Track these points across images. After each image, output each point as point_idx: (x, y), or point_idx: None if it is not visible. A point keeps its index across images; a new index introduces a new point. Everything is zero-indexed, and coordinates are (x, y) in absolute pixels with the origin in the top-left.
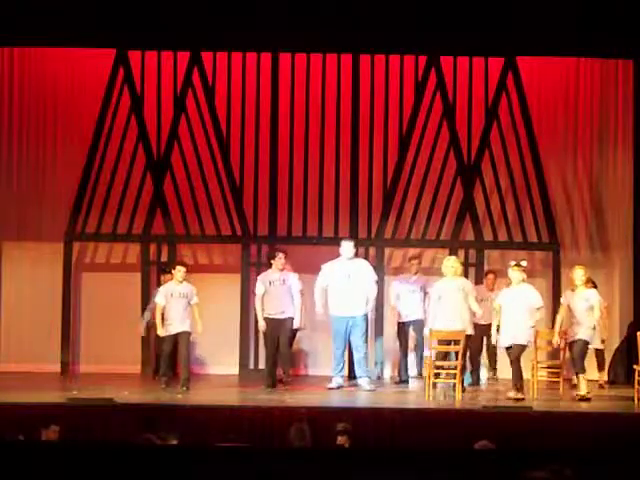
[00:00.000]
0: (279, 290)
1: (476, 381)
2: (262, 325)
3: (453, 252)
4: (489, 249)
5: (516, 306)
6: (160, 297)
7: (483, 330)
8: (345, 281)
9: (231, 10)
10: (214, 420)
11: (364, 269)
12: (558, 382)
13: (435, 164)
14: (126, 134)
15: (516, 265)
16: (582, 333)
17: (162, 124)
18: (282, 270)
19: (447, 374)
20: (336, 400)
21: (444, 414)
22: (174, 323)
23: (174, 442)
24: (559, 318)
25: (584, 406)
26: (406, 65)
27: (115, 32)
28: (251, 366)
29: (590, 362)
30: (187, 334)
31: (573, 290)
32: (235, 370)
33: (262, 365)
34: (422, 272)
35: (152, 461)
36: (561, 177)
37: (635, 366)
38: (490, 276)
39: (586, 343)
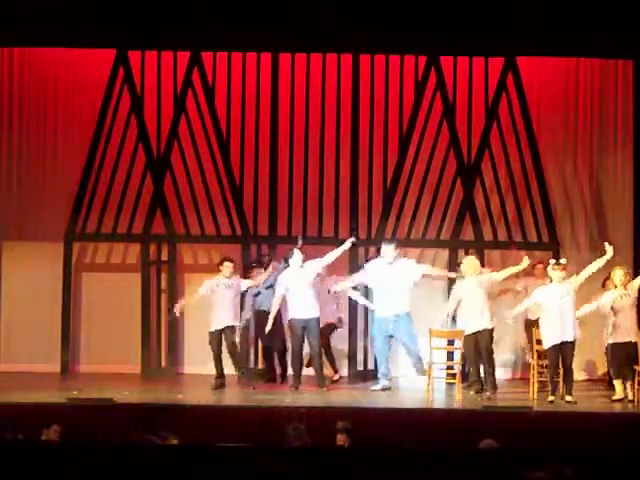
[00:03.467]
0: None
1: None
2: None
3: (453, 252)
4: (489, 249)
5: (565, 303)
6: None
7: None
8: (388, 283)
9: (231, 10)
10: (214, 420)
11: (406, 268)
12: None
13: (435, 164)
14: (126, 134)
15: (556, 264)
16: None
17: (162, 124)
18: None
19: (448, 374)
20: (336, 400)
21: (444, 414)
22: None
23: (174, 442)
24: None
25: (584, 406)
26: (406, 65)
27: (115, 32)
28: (251, 365)
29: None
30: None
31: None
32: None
33: (261, 365)
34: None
35: (152, 461)
36: (561, 177)
37: (635, 366)
38: (539, 266)
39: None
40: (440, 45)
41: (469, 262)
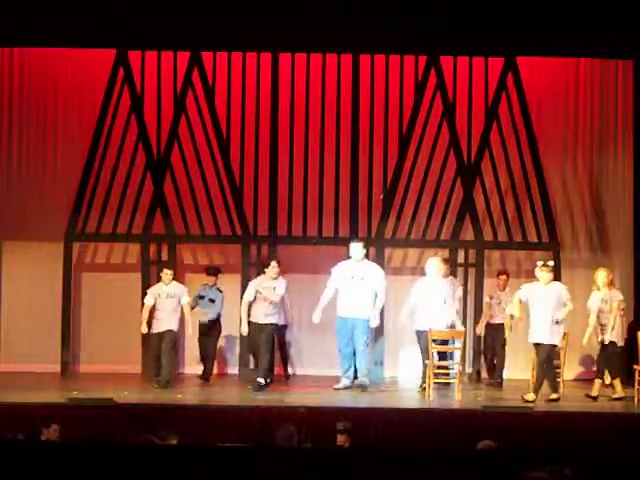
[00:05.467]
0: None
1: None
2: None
3: (453, 252)
4: (489, 249)
5: (547, 304)
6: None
7: (495, 329)
8: (350, 283)
9: (231, 10)
10: (214, 420)
11: (373, 273)
12: (558, 382)
13: (435, 164)
14: (126, 134)
15: (544, 265)
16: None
17: (162, 124)
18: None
19: (447, 374)
20: (336, 400)
21: (444, 414)
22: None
23: (174, 442)
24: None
25: (584, 406)
26: (406, 65)
27: (115, 32)
28: (251, 365)
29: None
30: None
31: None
32: (235, 370)
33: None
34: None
35: (152, 461)
36: (561, 177)
37: (635, 366)
38: (502, 277)
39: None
40: (440, 45)
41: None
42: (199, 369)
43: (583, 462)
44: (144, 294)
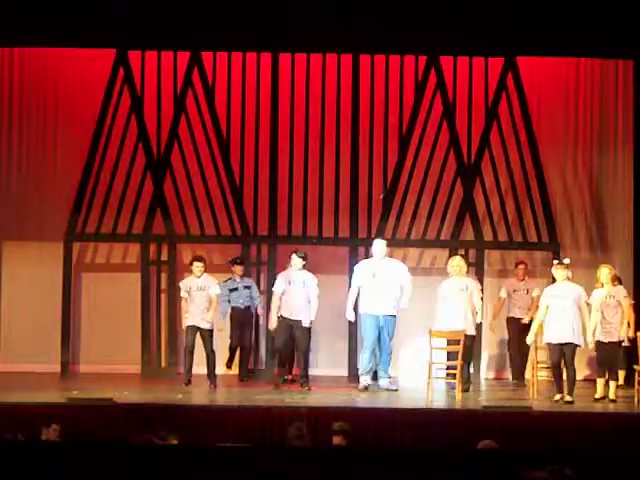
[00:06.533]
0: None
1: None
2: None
3: (453, 252)
4: (489, 249)
5: (566, 304)
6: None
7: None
8: (373, 280)
9: (231, 10)
10: (214, 420)
11: (398, 268)
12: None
13: (435, 164)
14: (126, 134)
15: (559, 263)
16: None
17: (162, 124)
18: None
19: (447, 374)
20: (336, 400)
21: (444, 414)
22: None
23: (174, 442)
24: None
25: (584, 406)
26: (406, 65)
27: (115, 32)
28: (250, 365)
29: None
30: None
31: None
32: (235, 370)
33: (262, 365)
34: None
35: (152, 461)
36: (561, 177)
37: (635, 366)
38: (521, 266)
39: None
40: (440, 45)
41: (455, 262)
42: (200, 369)
43: (583, 462)
44: (144, 294)
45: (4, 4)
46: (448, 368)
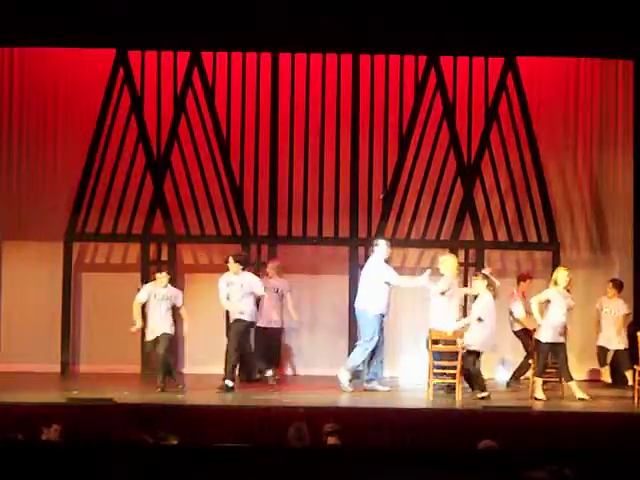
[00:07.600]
0: None
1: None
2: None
3: (453, 252)
4: (489, 249)
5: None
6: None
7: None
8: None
9: (231, 10)
10: (214, 420)
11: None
12: (558, 382)
13: (435, 164)
14: (126, 134)
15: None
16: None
17: (162, 124)
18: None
19: (447, 374)
20: (334, 400)
21: (444, 414)
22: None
23: (174, 442)
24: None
25: (584, 406)
26: (406, 65)
27: (115, 32)
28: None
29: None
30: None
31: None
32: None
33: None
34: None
35: (152, 461)
36: (561, 177)
37: (635, 366)
38: (527, 281)
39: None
40: (440, 45)
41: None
42: (200, 369)
43: (583, 462)
44: None
45: (4, 4)
46: (447, 368)
